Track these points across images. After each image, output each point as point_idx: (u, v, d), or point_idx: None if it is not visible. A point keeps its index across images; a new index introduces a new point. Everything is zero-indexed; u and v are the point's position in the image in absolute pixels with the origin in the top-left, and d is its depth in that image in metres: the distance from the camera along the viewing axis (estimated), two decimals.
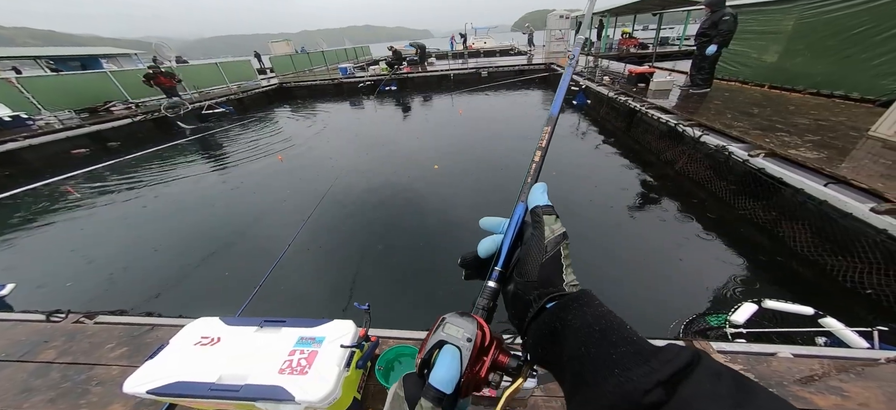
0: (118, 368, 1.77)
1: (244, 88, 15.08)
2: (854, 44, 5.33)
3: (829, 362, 1.56)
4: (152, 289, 3.57)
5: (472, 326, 0.33)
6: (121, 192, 6.40)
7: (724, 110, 5.66)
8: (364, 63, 23.89)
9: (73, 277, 3.87)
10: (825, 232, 2.95)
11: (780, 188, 3.40)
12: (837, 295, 2.72)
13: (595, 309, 0.31)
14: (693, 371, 0.23)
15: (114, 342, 1.94)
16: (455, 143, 7.89)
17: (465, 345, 0.32)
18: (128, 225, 5.14)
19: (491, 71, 16.10)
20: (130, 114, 10.23)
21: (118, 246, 4.53)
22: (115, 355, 1.85)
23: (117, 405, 1.55)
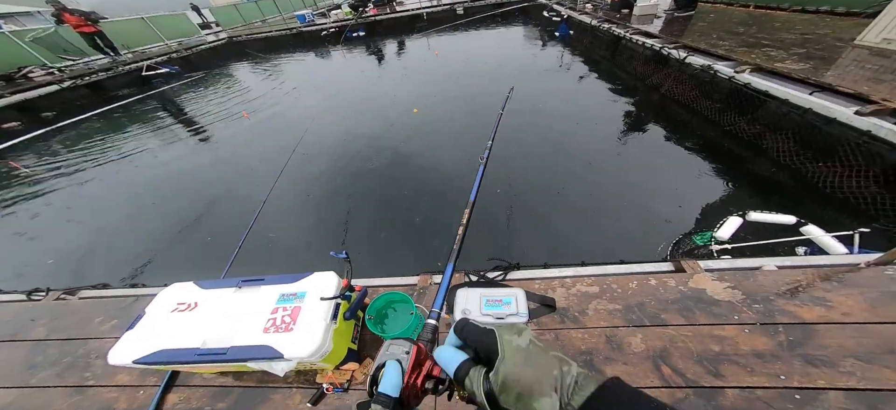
0: (113, 340, 1.69)
1: (187, 46, 13.21)
2: None
3: (813, 271, 1.55)
4: (132, 262, 3.39)
5: (408, 344, 0.44)
6: (76, 164, 5.74)
7: (709, 31, 5.47)
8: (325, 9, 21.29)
9: (46, 256, 3.60)
10: (808, 140, 3.00)
11: (766, 101, 3.38)
12: (818, 203, 2.83)
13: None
14: None
15: (101, 315, 1.90)
16: (433, 85, 7.42)
17: (404, 357, 0.42)
18: (94, 198, 4.70)
19: (466, 6, 14.72)
20: (56, 80, 8.81)
21: (86, 219, 4.18)
22: (107, 327, 1.82)
23: (122, 374, 1.55)
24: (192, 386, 1.45)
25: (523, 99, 6.03)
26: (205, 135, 6.45)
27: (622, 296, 1.56)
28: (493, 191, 3.61)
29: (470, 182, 1.17)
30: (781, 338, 1.31)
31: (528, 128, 4.99)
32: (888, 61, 3.30)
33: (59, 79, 8.88)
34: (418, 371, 0.42)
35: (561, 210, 3.28)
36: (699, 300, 1.49)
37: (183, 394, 1.43)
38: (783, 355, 1.27)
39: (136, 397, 1.46)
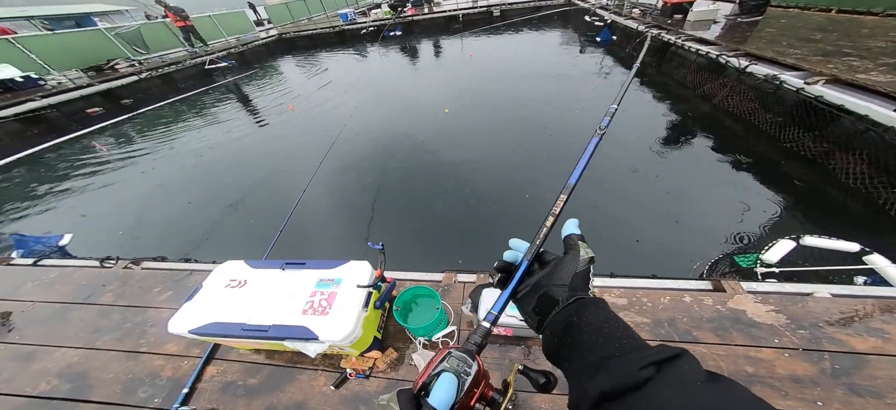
0: (167, 310, 1.91)
1: (243, 41, 14.39)
2: None
3: (873, 302, 1.45)
4: (186, 237, 3.77)
5: (474, 365, 0.39)
6: (145, 146, 6.55)
7: (778, 38, 4.94)
8: (365, 8, 22.10)
9: (118, 227, 4.12)
10: (884, 163, 2.65)
11: (839, 116, 3.02)
12: (889, 231, 2.50)
13: (607, 312, 0.39)
14: (679, 358, 0.29)
15: (159, 286, 2.09)
16: (466, 86, 7.44)
17: (466, 377, 0.38)
18: (155, 178, 5.31)
19: (504, 8, 14.53)
20: (136, 72, 10.05)
21: (151, 197, 4.73)
22: (163, 298, 2.01)
23: (170, 344, 1.69)
24: (229, 361, 1.57)
25: (561, 103, 5.89)
26: (254, 125, 7.02)
27: (652, 311, 1.53)
28: (521, 196, 3.59)
29: (492, 182, 1.21)
30: (826, 365, 1.26)
31: (564, 135, 4.87)
32: None
33: (138, 71, 10.10)
34: (473, 392, 0.38)
35: (593, 218, 3.18)
36: (737, 320, 1.45)
37: (220, 367, 1.55)
38: (824, 382, 1.21)
39: (181, 366, 1.58)
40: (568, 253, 0.46)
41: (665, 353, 0.29)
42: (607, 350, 0.33)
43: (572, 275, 0.42)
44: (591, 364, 0.33)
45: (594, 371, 0.32)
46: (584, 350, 0.35)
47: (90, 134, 7.44)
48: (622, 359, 0.31)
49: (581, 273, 0.43)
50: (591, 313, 0.38)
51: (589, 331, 0.36)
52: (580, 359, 0.35)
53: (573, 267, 0.43)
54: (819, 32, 4.96)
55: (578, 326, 0.37)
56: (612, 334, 0.35)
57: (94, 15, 18.32)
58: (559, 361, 0.40)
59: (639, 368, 0.28)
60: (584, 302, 0.40)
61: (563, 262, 0.45)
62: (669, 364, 0.29)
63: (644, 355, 0.30)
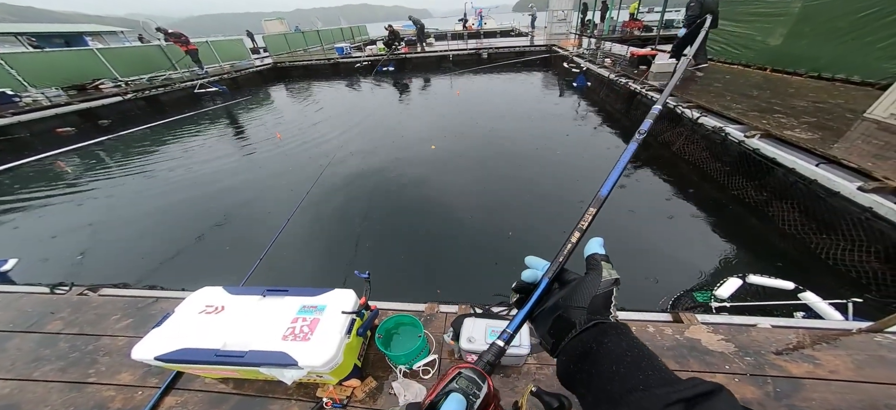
0: (124, 339, 1.82)
1: (237, 68, 14.66)
2: (861, 26, 5.24)
3: (805, 332, 1.64)
4: (154, 263, 3.63)
5: (484, 384, 0.37)
6: (117, 169, 6.37)
7: (723, 92, 5.63)
8: (361, 43, 23.22)
9: (77, 252, 3.92)
10: (812, 211, 3.02)
11: (773, 168, 3.44)
12: (818, 272, 2.81)
13: (630, 339, 0.35)
14: (714, 396, 0.25)
15: (119, 313, 1.97)
16: (452, 124, 7.83)
17: (474, 397, 0.36)
18: (125, 201, 5.14)
19: (491, 52, 15.69)
20: (121, 93, 9.99)
21: (118, 221, 4.56)
22: (122, 326, 1.90)
23: (125, 373, 1.60)
24: (191, 390, 1.49)
25: (536, 144, 6.31)
26: (239, 152, 7.01)
27: None
28: (504, 233, 3.76)
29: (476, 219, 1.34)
30: (769, 389, 1.40)
31: (542, 174, 5.19)
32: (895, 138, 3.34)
33: (124, 92, 10.06)
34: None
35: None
36: (693, 349, 1.59)
37: (181, 398, 1.46)
38: (769, 404, 1.34)
39: (134, 397, 1.48)
40: (589, 272, 0.43)
41: (698, 389, 0.26)
42: (630, 383, 0.29)
43: (592, 297, 0.40)
44: (611, 396, 0.30)
45: (613, 405, 0.29)
46: (603, 380, 0.32)
47: (60, 154, 7.20)
48: (646, 394, 0.27)
49: (602, 295, 0.40)
50: (612, 340, 0.34)
51: (609, 360, 0.33)
52: (598, 390, 0.32)
53: (594, 288, 0.40)
54: (756, 89, 5.67)
55: (597, 353, 0.34)
56: (635, 364, 0.31)
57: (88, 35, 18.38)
58: (575, 388, 0.37)
59: (665, 406, 0.25)
60: (603, 328, 0.36)
61: (584, 283, 0.42)
62: (702, 403, 0.25)
63: (672, 390, 0.26)
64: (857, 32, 5.32)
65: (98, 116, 9.26)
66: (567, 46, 14.01)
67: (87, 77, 10.50)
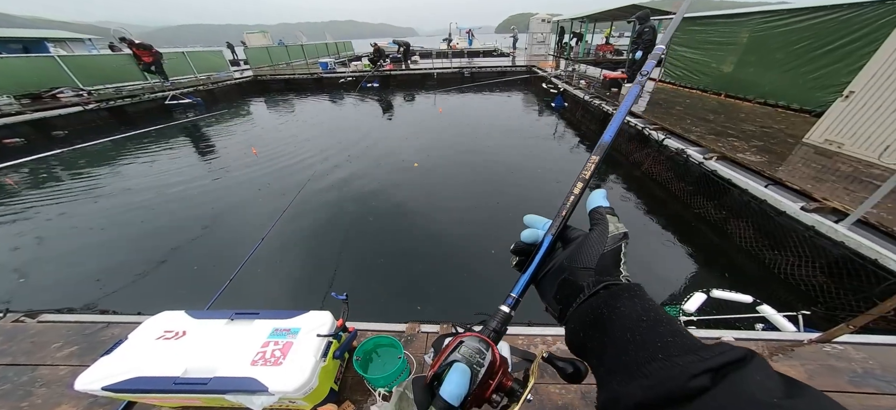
0: (66, 368, 1.67)
1: (214, 80, 14.27)
2: (796, 58, 5.88)
3: (764, 344, 1.75)
4: (109, 287, 3.36)
5: (488, 354, 0.35)
6: (72, 184, 5.91)
7: (684, 115, 6.12)
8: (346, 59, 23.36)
9: (18, 275, 3.56)
10: (765, 229, 3.29)
11: (730, 189, 3.74)
12: (773, 286, 3.04)
13: (646, 302, 0.31)
14: (746, 365, 0.22)
15: (61, 340, 1.82)
16: (435, 142, 7.94)
17: (478, 368, 0.34)
18: (78, 219, 4.76)
19: (474, 71, 16.26)
20: (82, 102, 9.41)
21: (69, 242, 4.20)
22: (63, 354, 1.74)
23: (66, 405, 1.48)
24: None
25: (517, 162, 6.51)
26: (210, 167, 6.72)
27: None
28: (487, 251, 3.80)
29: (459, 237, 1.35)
30: None
31: (522, 191, 5.34)
32: (829, 161, 3.75)
33: (86, 102, 9.49)
34: (489, 383, 0.35)
35: None
36: None
37: None
38: None
39: None
40: (594, 228, 0.39)
41: (726, 356, 0.23)
42: (648, 352, 0.26)
43: (600, 256, 0.36)
44: (626, 366, 0.27)
45: (629, 376, 0.26)
46: (618, 349, 0.28)
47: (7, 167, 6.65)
48: (667, 364, 0.24)
49: (610, 252, 0.36)
50: (625, 303, 0.31)
51: (622, 326, 0.29)
52: (612, 360, 0.29)
53: (600, 245, 0.37)
54: (712, 114, 6.19)
55: (609, 319, 0.30)
56: (652, 329, 0.27)
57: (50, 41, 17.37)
58: (586, 358, 0.34)
59: (689, 377, 0.22)
60: (615, 291, 0.33)
61: (589, 240, 0.38)
62: (732, 372, 0.22)
63: (697, 359, 0.23)
64: (793, 64, 5.97)
65: (53, 127, 8.66)
66: (545, 67, 14.77)
67: (45, 85, 9.86)
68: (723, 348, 0.24)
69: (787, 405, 0.19)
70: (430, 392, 0.33)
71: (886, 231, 2.46)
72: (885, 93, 3.45)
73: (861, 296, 2.41)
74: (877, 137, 3.57)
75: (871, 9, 4.71)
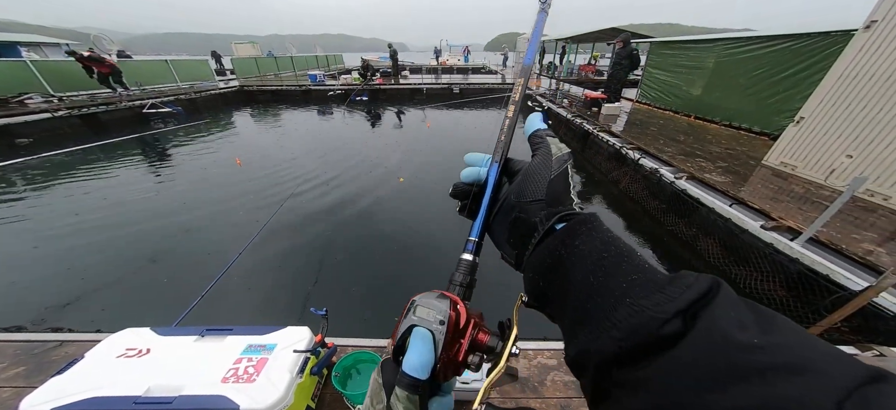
0: (10, 390, 1.57)
1: (198, 89, 14.03)
2: (756, 83, 6.34)
3: None
4: (68, 302, 3.18)
5: (444, 306, 0.31)
6: (35, 195, 5.61)
7: (658, 136, 6.46)
8: (335, 71, 23.50)
9: None
10: (730, 246, 3.48)
11: (699, 207, 3.95)
12: None
13: (604, 234, 0.28)
14: (714, 298, 0.21)
15: (6, 361, 1.72)
16: (422, 157, 8.02)
17: (438, 328, 0.30)
18: (42, 231, 4.49)
19: (463, 87, 16.67)
20: (51, 109, 9.02)
21: (26, 255, 3.96)
22: (8, 375, 1.64)
23: None
24: None
25: None
26: (188, 178, 6.51)
27: None
28: None
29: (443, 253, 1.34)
30: None
31: None
32: (784, 182, 4.04)
33: (55, 109, 9.09)
34: (458, 343, 0.31)
35: None
36: None
37: None
38: None
39: None
40: (536, 153, 0.36)
41: (693, 290, 0.21)
42: (613, 296, 0.24)
43: (548, 182, 0.32)
44: (592, 315, 0.24)
45: (598, 328, 0.23)
46: (581, 294, 0.26)
47: None
48: (635, 309, 0.22)
49: (558, 177, 0.33)
50: (583, 240, 0.28)
51: (584, 267, 0.26)
52: (575, 309, 0.26)
53: (546, 170, 0.33)
54: (682, 134, 6.54)
55: (569, 260, 0.27)
56: (614, 267, 0.25)
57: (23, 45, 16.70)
58: (549, 309, 0.30)
59: (661, 323, 0.20)
60: (571, 227, 0.29)
61: (533, 168, 0.34)
62: (702, 310, 0.20)
63: (665, 299, 0.21)
64: (753, 89, 6.44)
65: (15, 134, 8.23)
66: (532, 86, 15.33)
67: (14, 90, 9.42)
68: (688, 281, 0.22)
69: (765, 342, 0.18)
70: (398, 368, 0.29)
71: (835, 248, 2.66)
72: (829, 120, 3.80)
73: (811, 309, 2.57)
74: (824, 161, 3.90)
75: (817, 40, 5.19)
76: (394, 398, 0.28)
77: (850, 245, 2.66)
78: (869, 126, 3.43)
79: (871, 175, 3.36)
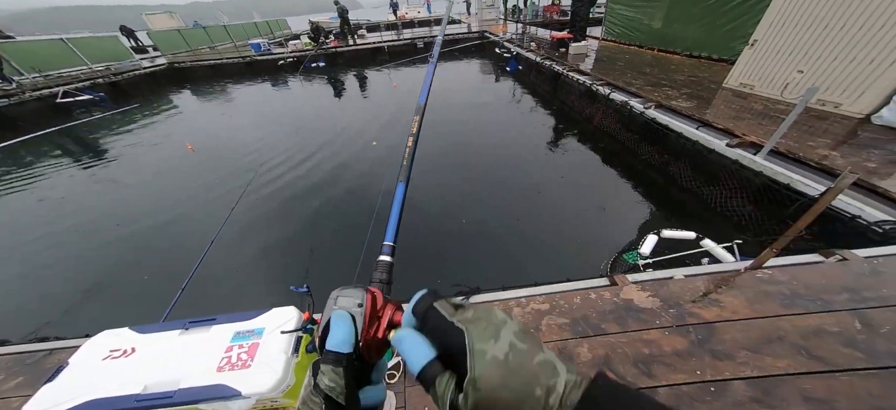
0: (18, 399, 1.60)
1: (116, 70, 12.07)
2: (711, 13, 6.43)
3: (709, 278, 1.86)
4: (46, 313, 3.00)
5: (360, 293, 0.37)
6: None
7: (625, 70, 6.50)
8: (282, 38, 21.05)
9: None
10: (700, 167, 3.69)
11: (668, 133, 4.11)
12: (713, 218, 3.44)
13: None
14: None
15: (3, 373, 1.74)
16: (392, 118, 7.64)
17: (357, 310, 0.36)
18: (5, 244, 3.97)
19: (426, 41, 15.61)
20: None
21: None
22: (9, 387, 1.67)
23: None
24: None
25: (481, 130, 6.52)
26: (139, 167, 5.88)
27: (569, 311, 1.74)
28: (458, 220, 3.81)
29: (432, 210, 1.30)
30: (693, 337, 1.55)
31: (488, 159, 5.39)
32: (745, 102, 4.27)
33: None
34: (376, 323, 0.36)
35: (517, 235, 3.55)
36: (629, 308, 1.72)
37: None
38: (696, 352, 1.49)
39: None
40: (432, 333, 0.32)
41: None
42: None
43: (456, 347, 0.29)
44: None
45: None
46: None
47: None
48: None
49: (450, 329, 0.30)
50: None
51: None
52: None
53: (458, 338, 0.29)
54: (648, 67, 6.67)
55: None
56: None
57: None
58: None
59: None
60: None
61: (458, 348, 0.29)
62: None
63: None
64: (708, 18, 6.53)
65: None
66: (497, 32, 14.64)
67: None
68: None
69: None
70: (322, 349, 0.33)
71: (794, 157, 2.88)
72: (779, 39, 3.98)
73: (777, 220, 2.77)
74: (778, 78, 4.13)
75: None
76: (320, 374, 0.30)
77: (807, 153, 2.87)
78: (816, 42, 3.60)
79: (822, 86, 3.60)
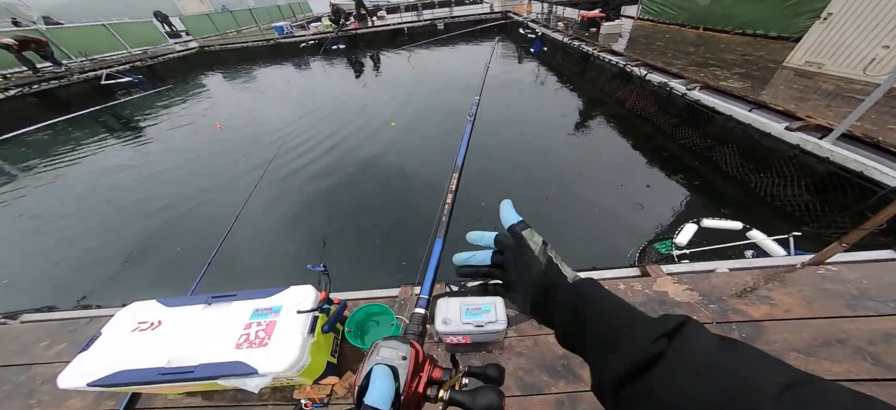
0: (61, 364, 1.65)
1: (153, 54, 12.64)
2: None
3: (758, 272, 1.67)
4: (87, 281, 3.23)
5: (405, 346, 0.37)
6: (23, 179, 5.31)
7: (665, 51, 5.98)
8: (304, 21, 21.19)
9: None
10: (750, 153, 3.33)
11: (714, 116, 3.73)
12: (760, 210, 3.10)
13: (602, 288, 0.38)
14: (685, 326, 0.29)
15: (47, 339, 1.81)
16: (411, 99, 7.50)
17: (401, 363, 0.36)
18: (44, 215, 4.34)
19: (447, 22, 15.14)
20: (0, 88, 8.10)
21: (35, 239, 3.90)
22: (53, 352, 1.73)
23: (74, 400, 1.46)
24: (155, 409, 1.38)
25: (505, 112, 6.26)
26: (172, 147, 6.15)
27: None
28: (477, 203, 3.69)
29: None
30: (736, 335, 1.39)
31: (513, 141, 5.17)
32: (811, 81, 3.78)
33: (4, 88, 8.17)
34: (418, 377, 0.36)
35: (542, 220, 3.37)
36: (663, 302, 1.58)
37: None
38: None
39: None
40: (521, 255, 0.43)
41: (671, 322, 0.29)
42: (618, 325, 0.33)
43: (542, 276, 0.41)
44: (606, 341, 0.33)
45: (609, 351, 0.31)
46: (597, 327, 0.34)
47: None
48: (634, 333, 0.30)
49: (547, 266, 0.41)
50: (590, 293, 0.37)
51: (596, 311, 0.35)
52: (594, 337, 0.35)
53: (538, 268, 0.41)
54: (692, 47, 6.11)
55: (586, 307, 0.36)
56: (617, 307, 0.35)
57: None
58: (575, 345, 0.38)
59: (651, 342, 0.28)
60: (580, 286, 0.39)
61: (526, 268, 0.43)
62: (680, 333, 0.29)
63: (653, 328, 0.30)
64: None
65: None
66: (521, 12, 13.94)
67: None
68: (667, 318, 0.31)
69: (721, 353, 0.27)
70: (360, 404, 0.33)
71: (872, 142, 2.50)
72: (864, 10, 3.44)
73: (849, 213, 2.43)
74: (858, 53, 3.59)
75: None
76: None
77: (888, 137, 2.48)
78: None
79: None
